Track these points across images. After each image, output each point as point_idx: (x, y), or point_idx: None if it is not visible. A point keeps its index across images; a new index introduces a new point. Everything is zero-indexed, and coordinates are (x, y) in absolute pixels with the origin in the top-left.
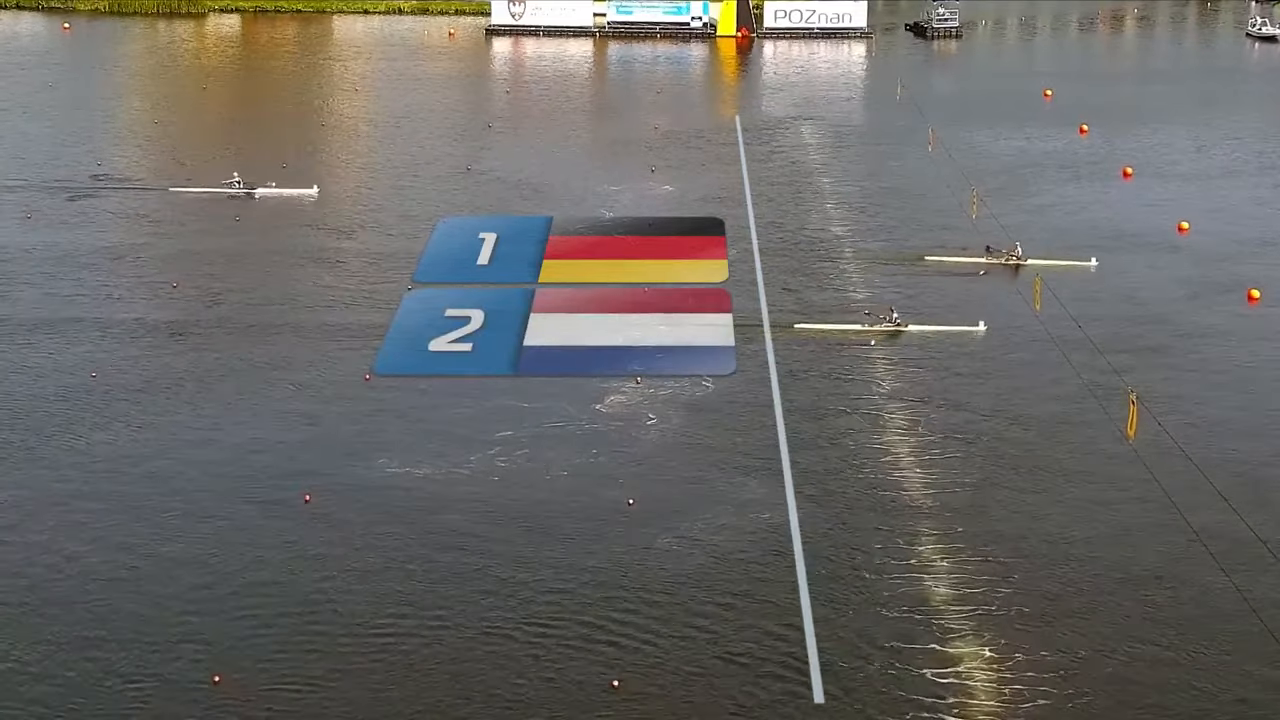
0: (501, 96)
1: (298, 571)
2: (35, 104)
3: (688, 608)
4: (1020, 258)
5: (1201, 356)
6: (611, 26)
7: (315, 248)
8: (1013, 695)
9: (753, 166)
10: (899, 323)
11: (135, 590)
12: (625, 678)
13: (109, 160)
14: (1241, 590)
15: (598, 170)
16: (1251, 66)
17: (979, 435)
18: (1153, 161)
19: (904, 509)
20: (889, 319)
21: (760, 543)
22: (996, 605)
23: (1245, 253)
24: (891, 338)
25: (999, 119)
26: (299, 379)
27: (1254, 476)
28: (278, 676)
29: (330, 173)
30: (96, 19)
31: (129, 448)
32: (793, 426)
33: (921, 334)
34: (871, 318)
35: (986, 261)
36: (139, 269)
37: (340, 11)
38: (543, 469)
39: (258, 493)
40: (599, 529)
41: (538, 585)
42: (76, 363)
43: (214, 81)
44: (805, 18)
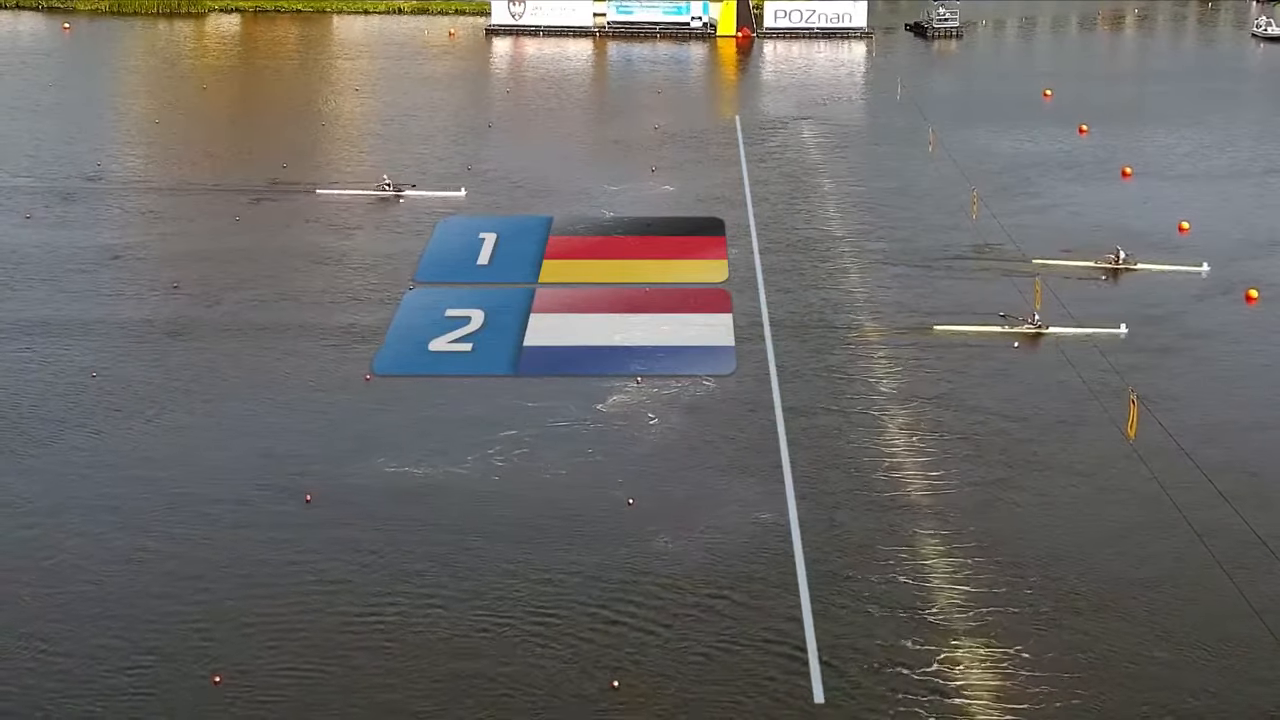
0: (501, 96)
1: (298, 571)
2: (35, 104)
3: (687, 608)
4: (1129, 261)
5: (1202, 356)
6: (611, 26)
7: (316, 247)
8: (1013, 696)
9: (753, 166)
10: (1039, 325)
11: (134, 590)
12: (625, 678)
13: (112, 159)
14: (1243, 591)
15: (598, 170)
16: (1254, 67)
17: (979, 435)
18: (1153, 162)
19: (904, 508)
20: (1030, 321)
21: (760, 542)
22: (997, 605)
23: (1246, 253)
24: (1032, 340)
25: (999, 119)
26: (299, 379)
27: (1255, 476)
28: (278, 676)
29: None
30: (96, 19)
31: (128, 447)
32: (793, 426)
33: (1061, 336)
34: (1010, 320)
35: (1075, 264)
36: (139, 269)
37: (340, 11)
38: (542, 468)
39: (258, 492)
40: (598, 529)
41: (537, 585)
42: (76, 362)
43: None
44: (805, 18)
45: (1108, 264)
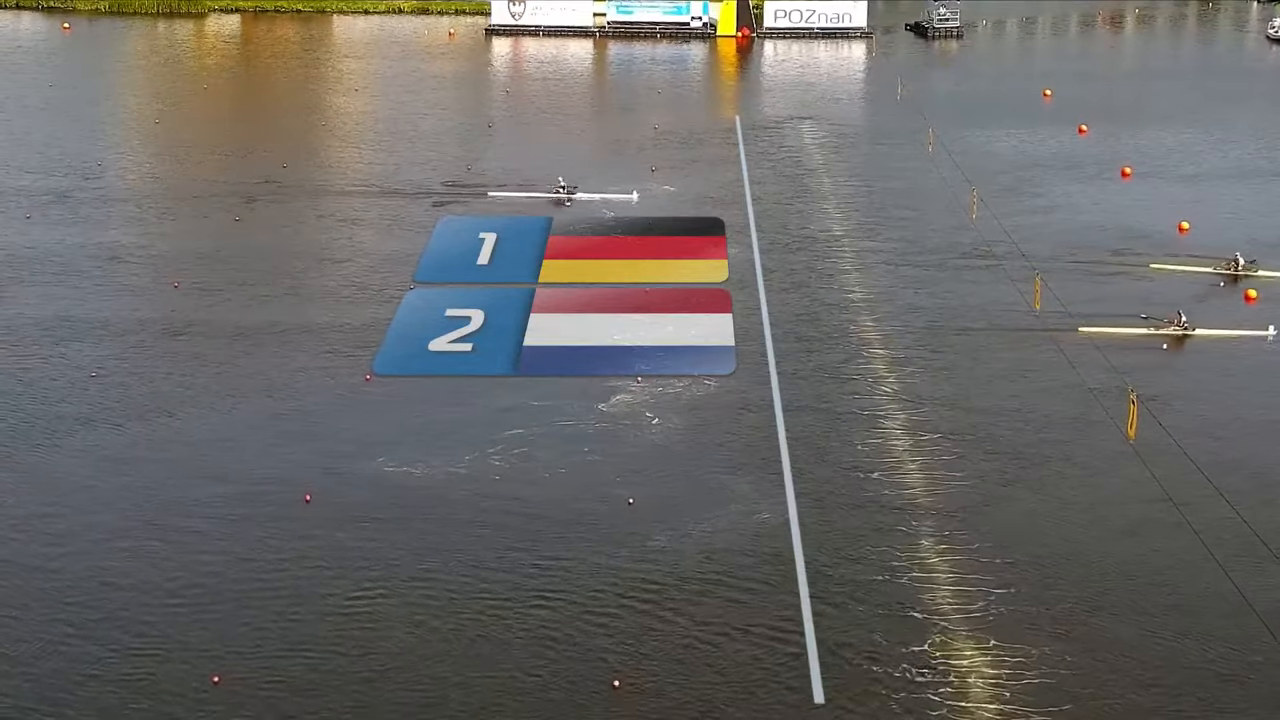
0: (501, 96)
1: (298, 571)
2: (34, 104)
3: (687, 607)
4: (1186, 326)
5: (1202, 356)
6: (611, 26)
7: (316, 247)
8: (1014, 697)
9: (753, 166)
10: (1187, 326)
11: (134, 590)
12: (626, 678)
13: (112, 159)
14: (1243, 591)
15: (598, 170)
16: (1266, 69)
17: (979, 435)
18: (1153, 162)
19: (904, 508)
20: (1177, 323)
21: (760, 542)
22: (998, 606)
23: (1246, 253)
24: (1179, 341)
25: (999, 119)
26: (298, 379)
27: (1255, 476)
28: (278, 676)
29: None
30: (96, 19)
31: (127, 447)
32: (793, 426)
33: (1208, 338)
34: (1155, 321)
35: (1194, 269)
36: (139, 269)
37: (340, 11)
38: (542, 468)
39: (257, 492)
40: (598, 528)
41: (536, 585)
42: (76, 362)
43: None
44: (805, 18)
45: (1225, 270)
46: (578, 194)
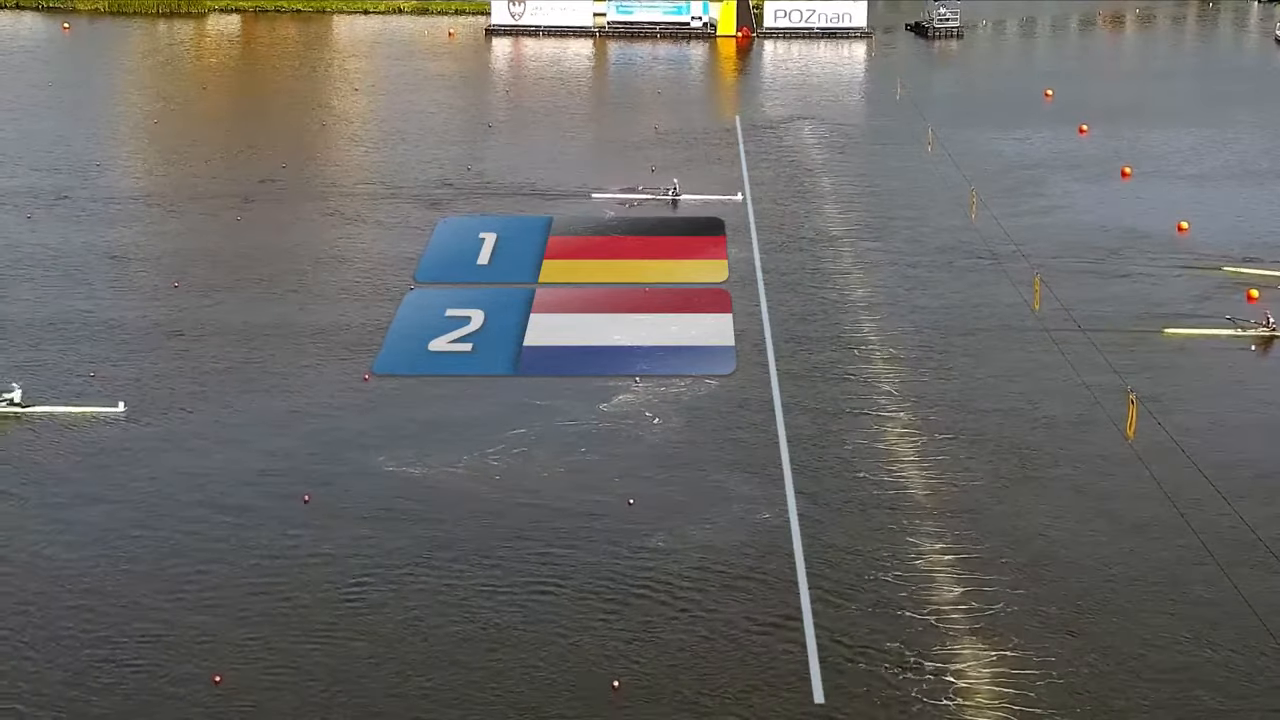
0: (501, 96)
1: (297, 571)
2: (34, 104)
3: (687, 607)
4: (1275, 328)
5: (1202, 356)
6: (611, 26)
7: (316, 247)
8: (1015, 697)
9: (753, 166)
10: (1274, 327)
11: (133, 590)
12: (625, 678)
13: (112, 159)
14: (1243, 592)
15: (598, 170)
16: (1271, 71)
17: (979, 435)
18: (1153, 162)
19: (905, 509)
20: (1265, 324)
21: (760, 542)
22: (998, 606)
23: (1246, 253)
24: (1265, 344)
25: (999, 119)
26: (298, 378)
27: (1255, 477)
28: (277, 676)
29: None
30: (97, 19)
31: (126, 447)
32: (793, 426)
33: None
34: (1240, 322)
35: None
36: (139, 269)
37: (340, 11)
38: (541, 468)
39: (257, 492)
40: (598, 528)
41: (536, 585)
42: (76, 362)
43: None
44: (805, 18)
45: None
46: (683, 196)
